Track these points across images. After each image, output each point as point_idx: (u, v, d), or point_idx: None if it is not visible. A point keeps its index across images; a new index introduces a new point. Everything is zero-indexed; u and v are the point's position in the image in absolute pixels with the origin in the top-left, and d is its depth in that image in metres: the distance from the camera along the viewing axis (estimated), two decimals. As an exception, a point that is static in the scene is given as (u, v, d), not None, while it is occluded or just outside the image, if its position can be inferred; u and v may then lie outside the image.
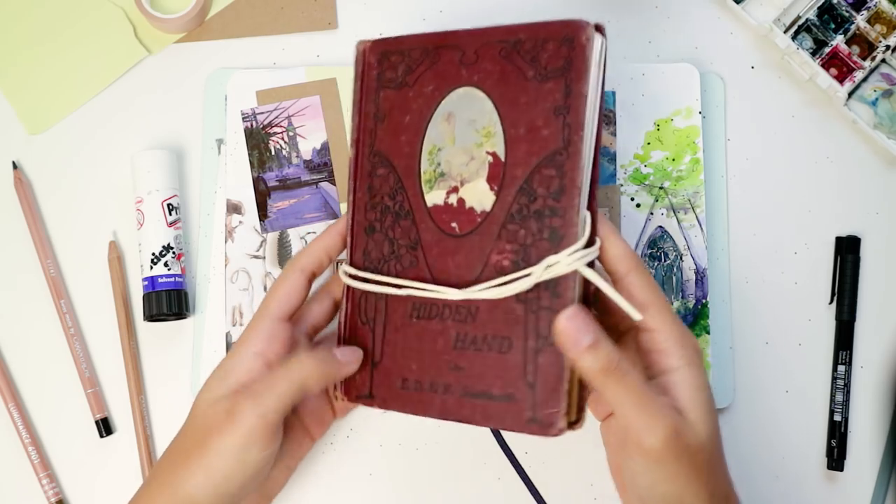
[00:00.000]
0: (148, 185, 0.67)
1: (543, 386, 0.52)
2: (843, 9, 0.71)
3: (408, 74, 0.58)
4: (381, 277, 0.58)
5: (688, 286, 0.67)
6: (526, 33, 0.54)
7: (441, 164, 0.56)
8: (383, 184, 0.58)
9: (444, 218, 0.55)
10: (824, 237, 0.70)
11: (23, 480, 0.66)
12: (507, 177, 0.53)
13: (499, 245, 0.53)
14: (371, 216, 0.59)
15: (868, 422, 0.69)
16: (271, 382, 0.55)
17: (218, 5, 0.72)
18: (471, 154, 0.55)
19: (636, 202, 0.68)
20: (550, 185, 0.52)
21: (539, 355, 0.52)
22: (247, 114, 0.68)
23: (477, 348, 0.54)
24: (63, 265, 0.69)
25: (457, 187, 0.55)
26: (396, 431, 0.67)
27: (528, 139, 0.53)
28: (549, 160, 0.52)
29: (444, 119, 0.56)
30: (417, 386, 0.56)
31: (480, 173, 0.54)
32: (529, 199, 0.53)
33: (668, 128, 0.68)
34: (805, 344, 0.69)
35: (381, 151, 0.59)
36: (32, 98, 0.71)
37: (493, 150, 0.54)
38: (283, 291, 0.59)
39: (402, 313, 0.57)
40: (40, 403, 0.67)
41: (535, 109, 0.53)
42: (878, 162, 0.71)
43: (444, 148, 0.56)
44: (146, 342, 0.68)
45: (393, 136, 0.58)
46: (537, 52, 0.53)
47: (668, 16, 0.72)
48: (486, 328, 0.53)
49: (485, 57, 0.55)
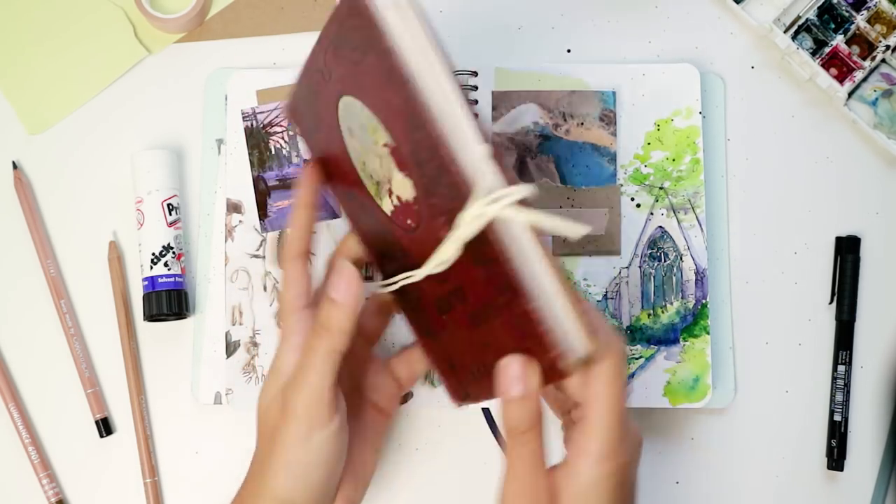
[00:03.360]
0: (148, 185, 0.67)
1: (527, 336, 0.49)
2: (843, 9, 0.71)
3: (313, 118, 0.58)
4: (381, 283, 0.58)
5: (688, 286, 0.67)
6: (334, 23, 0.52)
7: (372, 175, 0.55)
8: (359, 211, 0.58)
9: (401, 219, 0.54)
10: (824, 237, 0.70)
11: (23, 480, 0.66)
12: (404, 159, 0.51)
13: (434, 223, 0.50)
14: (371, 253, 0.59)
15: (868, 422, 0.69)
16: (303, 362, 0.54)
17: (218, 5, 0.72)
18: (377, 154, 0.53)
19: (636, 202, 0.68)
20: (426, 146, 0.48)
21: (511, 307, 0.49)
22: (247, 113, 0.68)
23: (485, 320, 0.51)
24: (63, 265, 0.69)
25: (390, 189, 0.53)
26: (396, 432, 0.67)
27: (391, 115, 0.50)
28: (411, 124, 0.48)
29: (349, 136, 0.55)
30: (481, 372, 0.53)
31: (391, 167, 0.52)
32: (422, 168, 0.49)
33: (668, 128, 0.68)
34: (805, 344, 0.69)
35: (338, 186, 0.59)
36: (32, 98, 0.71)
37: (385, 142, 0.51)
38: (292, 283, 0.58)
39: (433, 314, 0.55)
40: (40, 403, 0.67)
41: (376, 84, 0.50)
42: (878, 162, 0.71)
43: (365, 160, 0.55)
44: (146, 342, 0.68)
45: (335, 174, 0.58)
46: (348, 34, 0.51)
47: (668, 16, 0.72)
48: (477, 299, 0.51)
49: (332, 65, 0.53)
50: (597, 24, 0.72)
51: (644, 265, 0.67)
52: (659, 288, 0.67)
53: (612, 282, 0.67)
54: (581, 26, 0.72)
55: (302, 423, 0.53)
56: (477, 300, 0.51)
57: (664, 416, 0.68)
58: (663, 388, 0.66)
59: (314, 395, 0.54)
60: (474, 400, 0.57)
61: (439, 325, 0.56)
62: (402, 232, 0.54)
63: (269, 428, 0.55)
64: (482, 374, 0.53)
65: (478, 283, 0.50)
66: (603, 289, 0.67)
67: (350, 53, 0.51)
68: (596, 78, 0.69)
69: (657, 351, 0.66)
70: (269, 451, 0.54)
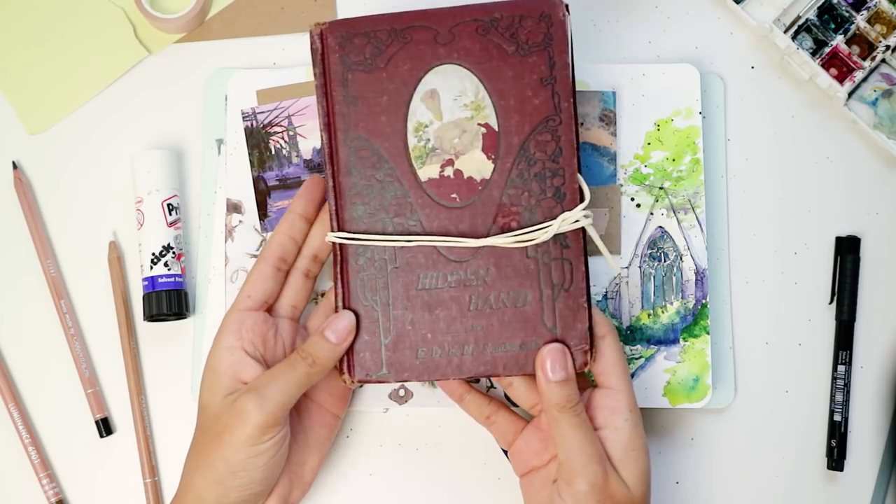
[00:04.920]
0: (148, 185, 0.67)
1: (565, 327, 0.58)
2: (843, 9, 0.71)
3: (377, 56, 0.59)
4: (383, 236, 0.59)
5: (688, 286, 0.67)
6: (501, 11, 0.59)
7: (431, 140, 0.59)
8: (368, 165, 0.59)
9: (441, 190, 0.59)
10: (824, 237, 0.70)
11: (23, 480, 0.66)
12: (504, 145, 0.59)
13: (503, 209, 0.58)
14: (358, 199, 0.59)
15: (868, 422, 0.69)
16: (272, 379, 0.57)
17: (218, 5, 0.72)
18: (462, 128, 0.59)
19: (636, 202, 0.68)
20: (548, 149, 0.58)
21: (556, 301, 0.58)
22: (247, 113, 0.68)
23: (492, 307, 0.58)
24: (63, 265, 0.69)
25: (451, 160, 0.59)
26: (396, 432, 0.67)
27: (519, 109, 0.59)
28: (542, 126, 0.58)
29: (427, 97, 0.59)
30: (435, 352, 0.59)
31: (475, 144, 0.59)
32: (529, 164, 0.58)
33: (668, 128, 0.68)
34: (805, 344, 0.69)
35: (360, 135, 0.59)
36: (32, 98, 0.71)
37: (484, 122, 0.59)
38: (249, 282, 0.61)
39: (408, 286, 0.59)
40: (40, 403, 0.67)
41: (523, 81, 0.59)
42: (878, 162, 0.71)
43: (431, 124, 0.59)
44: (146, 342, 0.68)
45: (372, 119, 0.59)
46: (515, 29, 0.59)
47: (668, 16, 0.72)
48: (501, 286, 0.58)
49: (462, 35, 0.59)
50: (597, 24, 0.72)
51: (644, 265, 0.67)
52: (659, 288, 0.67)
53: (612, 282, 0.67)
54: (581, 26, 0.72)
55: (255, 429, 0.56)
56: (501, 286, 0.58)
57: (664, 416, 0.68)
58: (663, 389, 0.66)
59: (276, 409, 0.56)
60: (385, 379, 0.59)
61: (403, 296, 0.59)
62: (431, 201, 0.59)
63: (217, 425, 0.57)
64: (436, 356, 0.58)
65: (516, 274, 0.58)
66: (603, 289, 0.67)
67: (501, 39, 0.59)
68: (596, 78, 0.69)
69: (657, 351, 0.66)
70: (214, 445, 0.57)
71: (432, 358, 0.59)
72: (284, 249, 0.61)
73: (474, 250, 0.58)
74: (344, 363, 0.59)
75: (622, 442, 0.58)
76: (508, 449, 0.63)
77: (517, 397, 0.62)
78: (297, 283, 0.62)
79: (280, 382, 0.57)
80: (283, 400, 0.56)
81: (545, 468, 0.60)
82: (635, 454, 0.58)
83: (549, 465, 0.60)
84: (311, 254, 0.62)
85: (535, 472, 0.61)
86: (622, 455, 0.58)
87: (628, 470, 0.58)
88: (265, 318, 0.61)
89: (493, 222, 0.58)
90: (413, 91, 0.59)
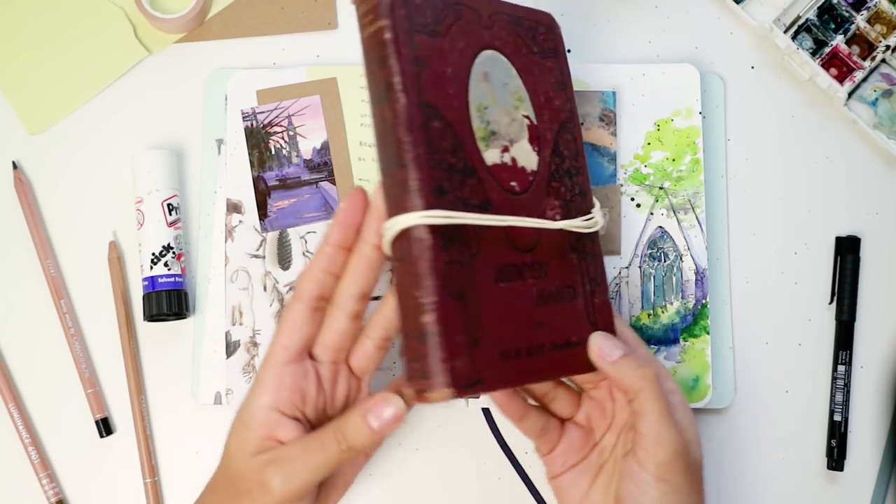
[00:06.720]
0: (148, 185, 0.67)
1: (603, 322, 0.58)
2: (843, 9, 0.71)
3: (437, 23, 0.53)
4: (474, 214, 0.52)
5: (688, 286, 0.67)
6: (523, 14, 0.60)
7: (490, 123, 0.55)
8: (441, 139, 0.52)
9: (504, 176, 0.55)
10: (824, 237, 0.70)
11: (23, 480, 0.66)
12: (542, 139, 0.58)
13: (549, 201, 0.57)
14: (437, 175, 0.51)
15: (868, 422, 0.69)
16: (302, 455, 0.53)
17: (218, 5, 0.72)
18: (511, 115, 0.57)
19: (636, 202, 0.68)
20: (570, 148, 0.60)
21: (594, 296, 0.58)
22: (247, 113, 0.68)
23: (554, 301, 0.56)
24: (63, 265, 0.69)
25: (507, 146, 0.56)
26: (396, 432, 0.67)
27: (548, 107, 0.59)
28: (563, 127, 0.60)
29: (482, 78, 0.55)
30: (516, 354, 0.52)
31: (522, 134, 0.57)
32: (560, 160, 0.59)
33: (668, 128, 0.68)
34: (805, 344, 0.69)
35: (430, 102, 0.52)
36: (32, 98, 0.71)
37: (526, 114, 0.58)
38: (286, 328, 0.55)
39: (488, 279, 0.52)
40: (40, 403, 0.67)
41: (546, 82, 0.60)
42: (878, 162, 0.71)
43: (489, 106, 0.55)
44: (146, 342, 0.68)
45: (439, 88, 0.52)
46: (533, 33, 0.60)
47: (668, 16, 0.72)
48: (557, 279, 0.56)
49: (498, 25, 0.58)
50: (597, 24, 0.72)
51: (644, 265, 0.67)
52: (659, 288, 0.67)
53: (612, 282, 0.67)
54: (581, 26, 0.72)
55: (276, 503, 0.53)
56: (557, 280, 0.56)
57: (664, 416, 0.68)
58: (663, 388, 0.66)
59: (300, 487, 0.53)
60: (485, 387, 0.50)
61: (485, 292, 0.52)
62: (498, 187, 0.55)
63: (239, 487, 0.54)
64: (516, 357, 0.52)
65: (566, 267, 0.57)
66: (603, 289, 0.67)
67: (525, 39, 0.59)
68: (596, 78, 0.69)
69: (657, 351, 0.66)
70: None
71: (514, 359, 0.52)
72: (323, 286, 0.55)
73: (535, 241, 0.55)
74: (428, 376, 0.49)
75: (677, 406, 0.57)
76: (550, 454, 0.60)
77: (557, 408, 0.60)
78: (342, 326, 0.55)
79: (308, 462, 0.53)
80: (309, 479, 0.53)
81: (585, 461, 0.59)
82: (691, 417, 0.57)
83: (588, 456, 0.59)
84: (358, 293, 0.55)
85: (574, 468, 0.59)
86: (682, 419, 0.57)
87: (692, 433, 0.57)
88: (305, 370, 0.55)
89: (543, 213, 0.57)
90: (470, 69, 0.55)
